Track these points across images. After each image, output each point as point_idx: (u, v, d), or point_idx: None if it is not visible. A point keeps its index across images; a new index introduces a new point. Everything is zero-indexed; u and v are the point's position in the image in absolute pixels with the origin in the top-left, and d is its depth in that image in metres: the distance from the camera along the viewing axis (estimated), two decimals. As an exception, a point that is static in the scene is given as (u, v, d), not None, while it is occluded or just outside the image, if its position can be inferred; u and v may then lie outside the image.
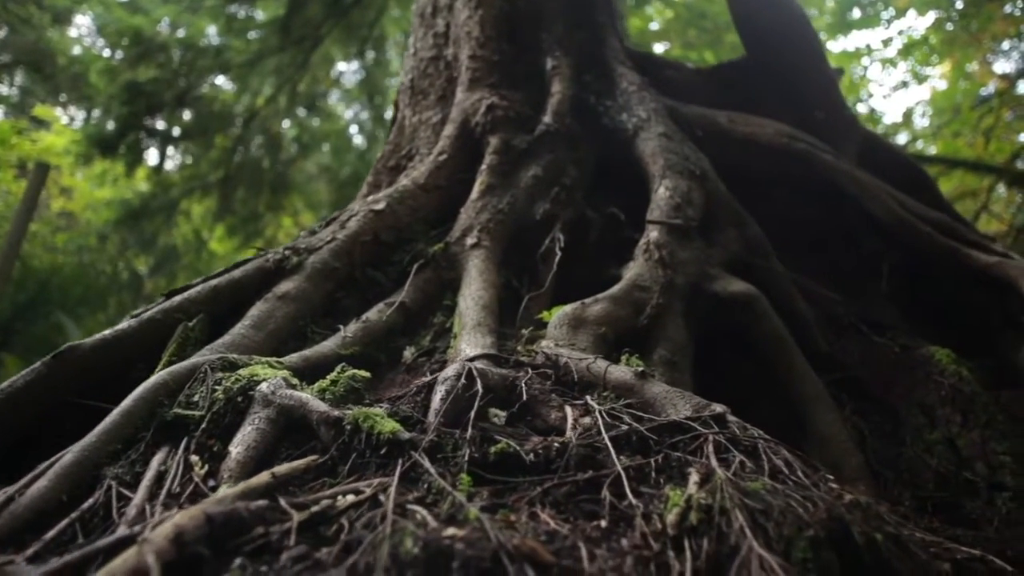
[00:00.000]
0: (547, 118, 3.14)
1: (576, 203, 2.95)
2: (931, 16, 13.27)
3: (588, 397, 1.86)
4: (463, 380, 1.71)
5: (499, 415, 1.79)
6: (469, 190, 2.92)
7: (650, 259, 2.54)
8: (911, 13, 13.57)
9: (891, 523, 1.37)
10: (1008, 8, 11.84)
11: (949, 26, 13.04)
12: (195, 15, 10.65)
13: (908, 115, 16.93)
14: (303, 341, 2.30)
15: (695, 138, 3.30)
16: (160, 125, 11.47)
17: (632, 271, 2.52)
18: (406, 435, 1.54)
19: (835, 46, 15.70)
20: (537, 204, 2.86)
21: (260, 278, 2.43)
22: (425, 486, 1.38)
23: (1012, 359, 2.79)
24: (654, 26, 15.26)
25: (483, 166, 2.97)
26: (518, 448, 1.49)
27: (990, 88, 12.59)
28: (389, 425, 1.57)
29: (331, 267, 2.51)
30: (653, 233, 2.66)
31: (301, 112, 13.84)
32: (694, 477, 1.41)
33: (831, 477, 1.55)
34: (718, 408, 1.75)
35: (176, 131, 12.09)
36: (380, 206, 2.74)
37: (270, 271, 2.45)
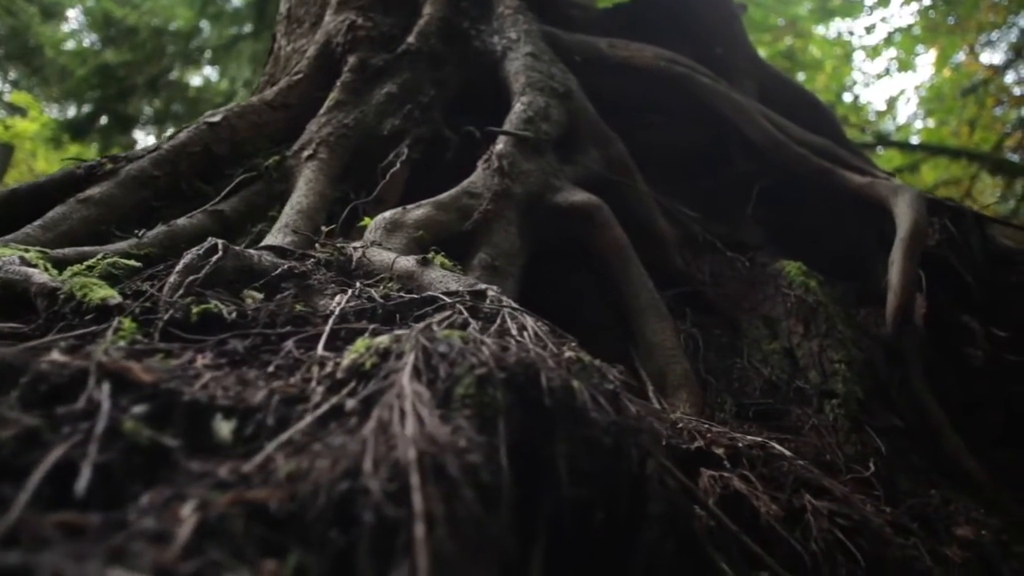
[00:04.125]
0: (411, 38, 3.01)
1: (433, 121, 2.83)
2: (915, 4, 13.13)
3: (360, 282, 1.76)
4: (200, 252, 1.59)
5: (254, 296, 1.68)
6: (322, 109, 2.79)
7: (489, 168, 2.43)
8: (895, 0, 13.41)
9: (615, 382, 1.26)
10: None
11: (932, 13, 12.93)
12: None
13: (892, 103, 16.80)
14: (104, 245, 2.17)
15: (573, 63, 3.18)
16: (149, 111, 11.28)
17: (468, 179, 2.41)
18: (115, 301, 1.42)
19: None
20: (387, 120, 2.73)
21: (67, 184, 2.29)
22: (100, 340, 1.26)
23: (881, 280, 2.69)
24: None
25: (337, 83, 2.84)
26: (220, 307, 1.37)
27: (978, 78, 12.45)
28: (102, 292, 1.45)
29: (149, 175, 2.38)
30: (499, 145, 2.55)
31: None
32: (397, 331, 1.29)
33: (574, 344, 1.45)
34: (482, 286, 1.65)
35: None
36: (215, 119, 2.61)
37: (80, 178, 2.32)
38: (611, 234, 2.38)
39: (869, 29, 18.06)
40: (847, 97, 16.10)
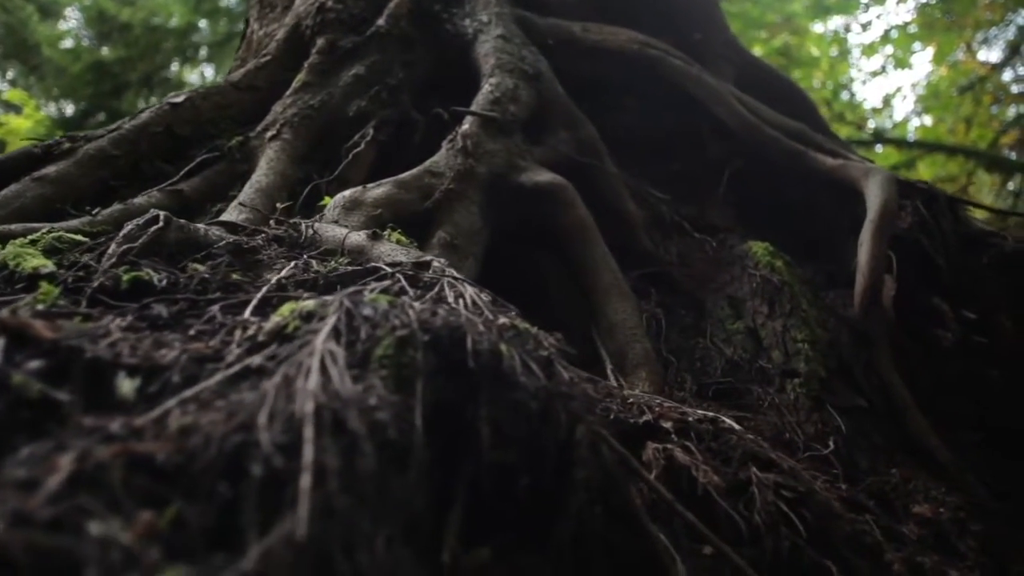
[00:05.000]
0: (380, 20, 2.98)
1: (401, 104, 2.81)
2: (911, 1, 13.08)
3: (307, 255, 1.73)
4: (139, 223, 1.57)
5: (198, 268, 1.65)
6: (290, 91, 2.76)
7: (452, 148, 2.41)
8: (891, -3, 13.34)
9: (550, 350, 1.23)
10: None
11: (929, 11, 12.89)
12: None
13: (888, 101, 16.72)
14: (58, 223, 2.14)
15: (546, 47, 3.16)
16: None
17: (431, 159, 2.38)
18: (47, 269, 1.40)
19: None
20: (354, 102, 2.71)
21: (24, 163, 2.27)
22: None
23: (851, 262, 2.66)
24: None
25: (304, 65, 2.82)
26: (151, 275, 1.35)
27: (975, 76, 12.39)
28: (35, 262, 1.44)
29: (108, 154, 2.35)
30: (465, 125, 2.52)
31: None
32: (327, 297, 1.27)
33: (513, 312, 1.42)
34: (428, 257, 1.63)
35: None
36: (179, 100, 2.58)
37: (37, 157, 2.29)
38: (575, 214, 2.36)
39: (865, 26, 17.99)
40: (844, 94, 16.01)
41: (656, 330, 2.21)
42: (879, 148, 12.19)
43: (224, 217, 2.04)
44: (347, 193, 2.17)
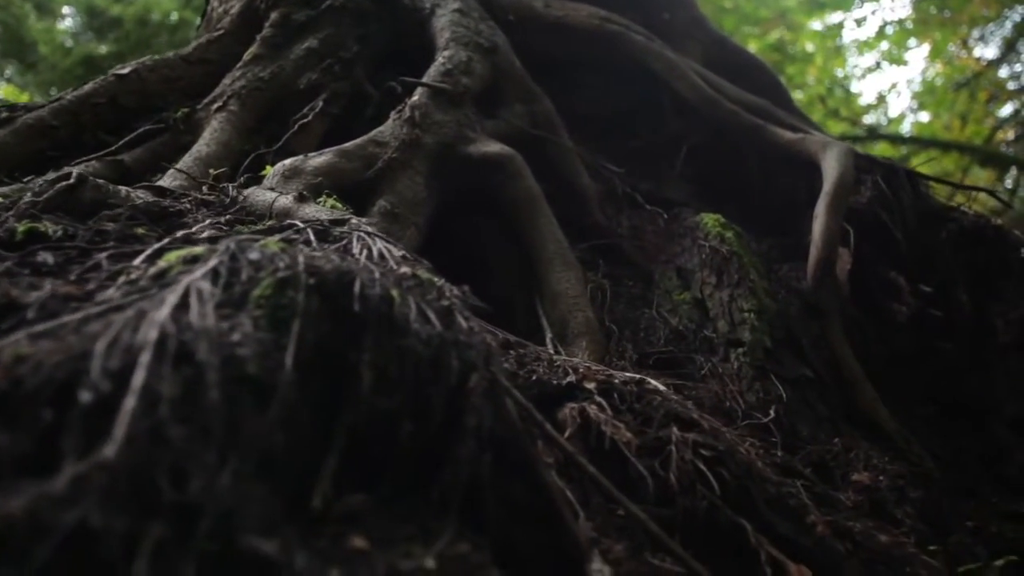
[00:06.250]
0: (336, -7, 2.94)
1: (354, 77, 2.77)
2: None
3: (229, 216, 1.70)
4: (47, 180, 1.54)
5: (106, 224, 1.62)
6: (243, 65, 2.72)
7: (400, 118, 2.37)
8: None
9: (452, 300, 1.20)
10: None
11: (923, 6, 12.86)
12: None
13: (882, 98, 16.65)
14: (-9, 193, 2.10)
15: (508, 23, 3.12)
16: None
17: (377, 129, 2.35)
18: (-55, 223, 1.36)
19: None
20: (305, 75, 2.67)
21: (-40, 132, 2.23)
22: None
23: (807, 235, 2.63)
24: None
25: (257, 38, 2.78)
26: (48, 226, 1.32)
27: (971, 72, 12.32)
28: (-65, 216, 1.40)
29: (48, 124, 2.31)
30: (415, 97, 2.49)
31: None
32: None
33: (424, 265, 1.39)
34: (348, 216, 1.60)
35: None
36: (124, 71, 2.55)
37: (-28, 127, 2.25)
38: (523, 184, 2.32)
39: (860, 22, 17.89)
40: (838, 91, 15.91)
41: (601, 300, 2.18)
42: (875, 145, 12.18)
43: (160, 184, 2.00)
44: (288, 162, 2.13)
